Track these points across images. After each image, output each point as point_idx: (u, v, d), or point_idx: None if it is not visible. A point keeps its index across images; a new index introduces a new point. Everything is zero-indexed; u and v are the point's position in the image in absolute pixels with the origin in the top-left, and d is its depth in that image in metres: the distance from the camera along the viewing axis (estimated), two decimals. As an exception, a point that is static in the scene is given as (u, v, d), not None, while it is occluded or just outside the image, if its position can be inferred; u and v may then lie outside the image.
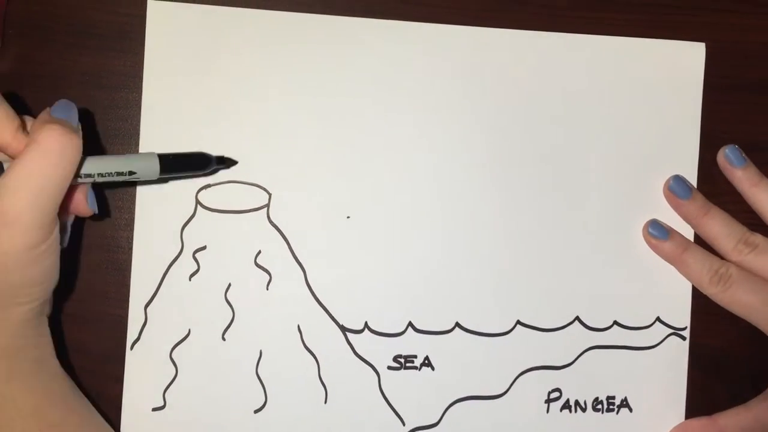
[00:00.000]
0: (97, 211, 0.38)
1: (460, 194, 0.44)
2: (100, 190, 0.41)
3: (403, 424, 0.44)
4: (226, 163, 0.42)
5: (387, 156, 0.44)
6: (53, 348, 0.38)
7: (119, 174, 0.36)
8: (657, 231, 0.45)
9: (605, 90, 0.45)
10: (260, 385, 0.43)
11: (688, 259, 0.44)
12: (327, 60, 0.43)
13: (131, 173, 0.37)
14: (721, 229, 0.44)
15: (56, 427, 0.35)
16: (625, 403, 0.45)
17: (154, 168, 0.38)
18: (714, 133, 0.46)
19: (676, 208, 0.45)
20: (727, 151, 0.45)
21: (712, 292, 0.43)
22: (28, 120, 0.35)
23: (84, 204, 0.37)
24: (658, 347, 0.45)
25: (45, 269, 0.34)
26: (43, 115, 0.34)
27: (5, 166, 0.33)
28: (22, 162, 0.32)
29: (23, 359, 0.35)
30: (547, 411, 0.45)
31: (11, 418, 0.33)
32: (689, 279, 0.45)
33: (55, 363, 0.37)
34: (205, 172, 0.42)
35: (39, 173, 0.32)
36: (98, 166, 0.36)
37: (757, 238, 0.44)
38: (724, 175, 0.46)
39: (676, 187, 0.45)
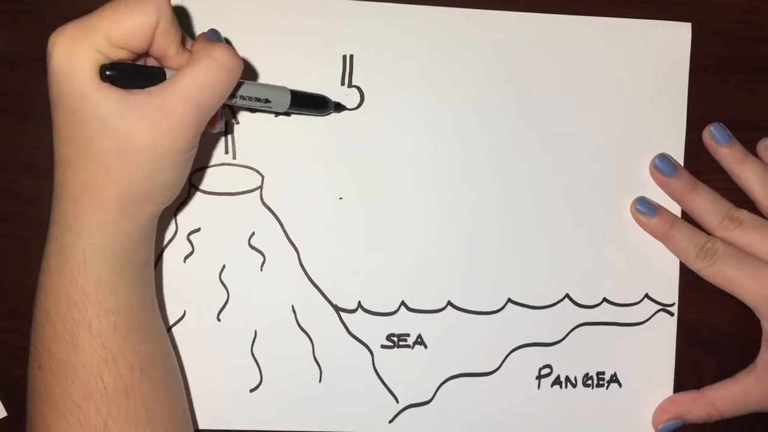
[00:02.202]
0: (223, 129, 0.41)
1: (451, 175, 0.45)
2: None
3: (397, 402, 0.45)
4: (339, 109, 0.44)
5: (379, 137, 0.44)
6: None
7: (257, 100, 0.38)
8: (644, 207, 0.45)
9: (593, 70, 0.46)
10: (255, 365, 0.44)
11: (675, 235, 0.45)
12: (320, 42, 0.44)
13: (267, 101, 0.39)
14: (707, 205, 0.44)
15: (143, 329, 0.36)
16: (614, 379, 0.46)
17: (285, 100, 0.40)
18: (700, 113, 0.46)
19: (663, 186, 0.45)
20: (712, 129, 0.45)
21: (699, 266, 0.44)
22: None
23: (217, 120, 0.39)
24: (647, 323, 0.46)
25: (181, 175, 0.36)
26: (204, 36, 0.36)
27: (168, 73, 0.34)
28: (196, 71, 0.33)
29: (135, 257, 0.36)
30: (538, 387, 0.45)
31: (111, 310, 0.34)
32: (676, 254, 0.45)
33: (152, 269, 0.38)
34: (322, 113, 0.43)
35: (209, 85, 0.33)
36: (244, 90, 0.38)
37: (743, 213, 0.44)
38: (710, 153, 0.46)
39: (661, 165, 0.45)
